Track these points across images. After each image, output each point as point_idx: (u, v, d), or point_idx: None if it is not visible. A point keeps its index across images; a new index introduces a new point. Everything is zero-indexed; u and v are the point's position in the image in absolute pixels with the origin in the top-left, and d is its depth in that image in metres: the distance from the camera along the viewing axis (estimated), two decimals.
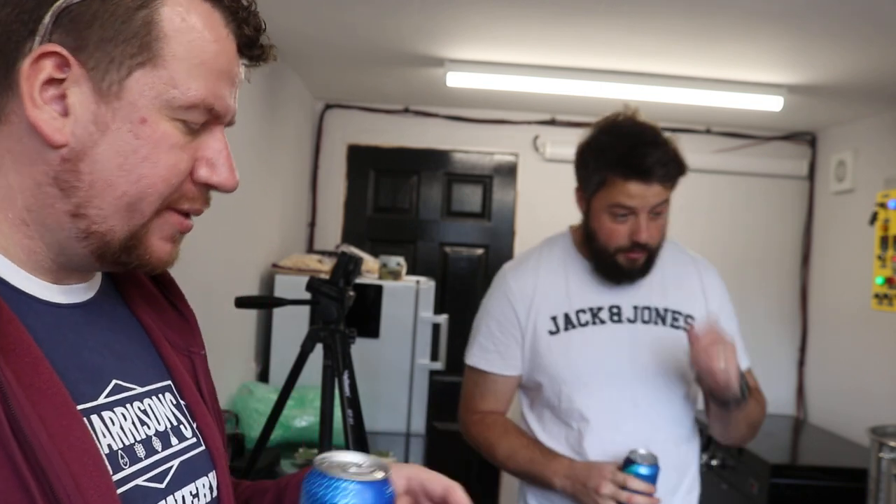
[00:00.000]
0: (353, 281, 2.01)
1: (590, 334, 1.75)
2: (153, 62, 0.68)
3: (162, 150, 0.70)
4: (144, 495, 0.69)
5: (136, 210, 0.70)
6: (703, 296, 1.84)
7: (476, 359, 1.84)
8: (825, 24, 2.37)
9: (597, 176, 1.72)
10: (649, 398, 1.74)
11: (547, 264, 1.82)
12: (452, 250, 4.13)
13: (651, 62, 2.93)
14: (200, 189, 0.75)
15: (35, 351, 0.63)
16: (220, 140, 0.76)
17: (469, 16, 2.53)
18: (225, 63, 0.73)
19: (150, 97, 0.69)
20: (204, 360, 0.89)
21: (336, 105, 4.07)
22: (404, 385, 3.14)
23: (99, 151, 0.68)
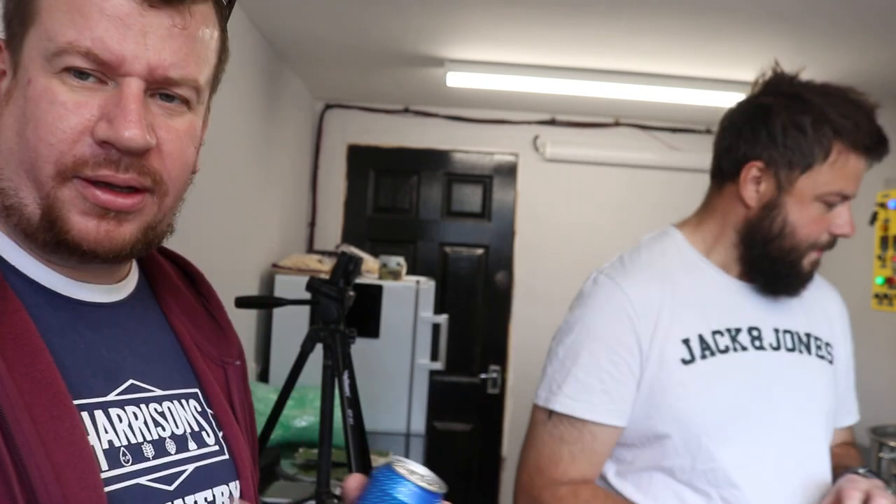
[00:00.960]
0: (353, 281, 2.01)
1: (731, 364, 1.31)
2: (34, 20, 0.67)
3: (42, 107, 0.65)
4: (147, 495, 0.69)
5: (35, 179, 0.67)
6: (827, 321, 1.47)
7: (571, 402, 1.30)
8: (825, 25, 2.37)
9: (818, 148, 1.27)
10: (809, 450, 1.34)
11: (668, 271, 1.36)
12: (452, 250, 4.13)
13: (651, 62, 2.93)
14: (104, 151, 0.66)
15: (37, 341, 0.64)
16: (121, 92, 0.66)
17: (469, 16, 2.53)
18: (102, 3, 0.65)
19: (35, 56, 0.67)
20: (238, 371, 0.88)
21: (336, 105, 4.07)
22: (404, 385, 3.14)
23: (3, 123, 0.68)
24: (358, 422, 1.96)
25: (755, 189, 1.32)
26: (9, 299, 0.64)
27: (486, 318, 4.09)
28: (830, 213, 1.32)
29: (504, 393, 4.09)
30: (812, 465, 1.34)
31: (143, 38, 0.66)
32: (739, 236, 1.35)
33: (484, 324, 4.08)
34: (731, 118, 1.38)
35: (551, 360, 1.37)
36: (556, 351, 1.36)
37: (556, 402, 1.32)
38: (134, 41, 0.66)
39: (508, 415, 4.08)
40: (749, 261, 1.35)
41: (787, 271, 1.34)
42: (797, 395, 1.34)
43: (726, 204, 1.37)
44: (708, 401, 1.28)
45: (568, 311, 1.39)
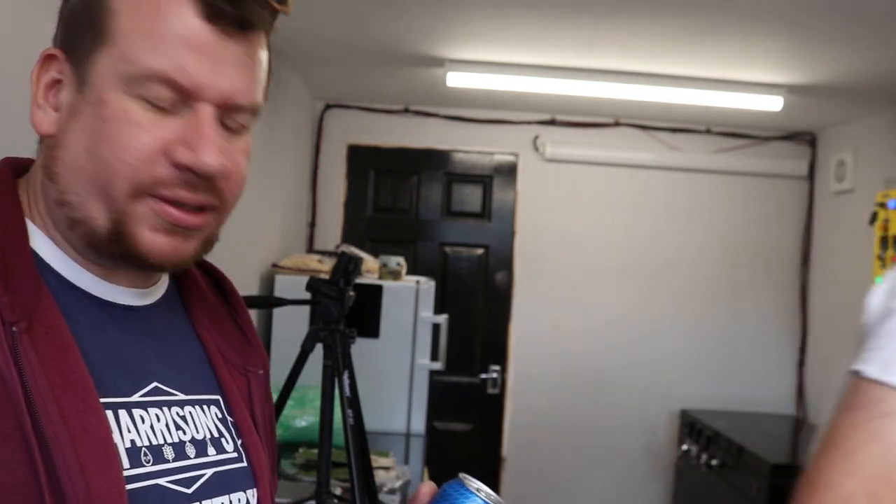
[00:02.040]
0: (353, 281, 2.01)
1: None
2: (107, 41, 0.68)
3: (119, 129, 0.67)
4: (165, 496, 0.70)
5: (108, 196, 0.69)
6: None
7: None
8: (825, 24, 2.37)
9: None
10: None
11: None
12: (452, 250, 4.13)
13: (651, 62, 2.93)
14: (183, 175, 0.69)
15: (67, 337, 0.66)
16: (198, 119, 0.69)
17: (469, 16, 2.53)
18: (182, 31, 0.68)
19: (108, 76, 0.68)
20: (261, 381, 0.89)
21: (336, 105, 4.07)
22: (404, 385, 3.14)
23: (71, 137, 0.70)
24: (358, 422, 1.96)
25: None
26: (43, 295, 0.66)
27: (486, 318, 4.09)
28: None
29: (504, 393, 4.09)
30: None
31: (219, 67, 0.70)
32: None
33: (484, 324, 4.08)
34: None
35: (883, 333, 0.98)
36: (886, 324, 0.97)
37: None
38: (210, 69, 0.69)
39: (508, 415, 4.08)
40: None
41: None
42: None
43: None
44: None
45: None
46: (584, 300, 4.07)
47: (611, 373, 4.05)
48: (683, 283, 4.06)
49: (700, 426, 3.68)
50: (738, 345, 4.08)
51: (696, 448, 3.63)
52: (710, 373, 4.07)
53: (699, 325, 4.07)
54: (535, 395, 4.06)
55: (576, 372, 4.06)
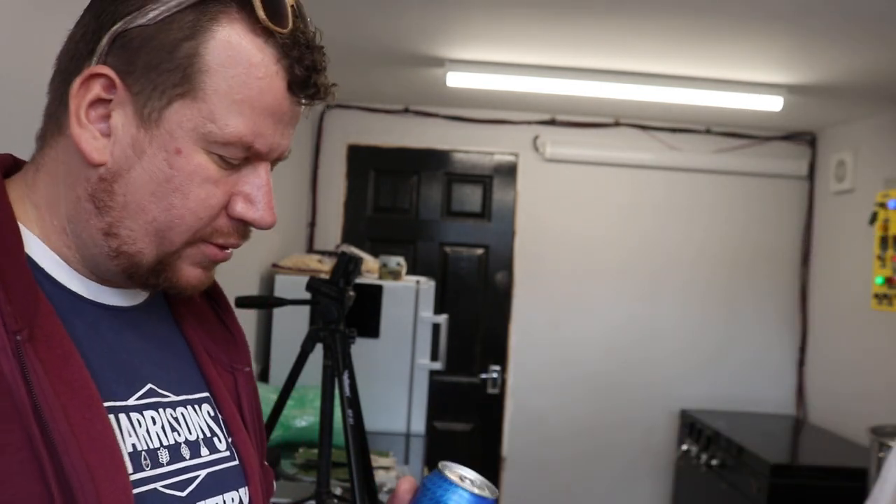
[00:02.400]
0: (353, 281, 2.01)
1: None
2: (193, 94, 0.68)
3: (194, 182, 0.70)
4: (160, 501, 0.70)
5: (165, 238, 0.71)
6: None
7: None
8: (825, 24, 2.37)
9: None
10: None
11: None
12: (452, 250, 4.13)
13: (651, 62, 2.93)
14: (236, 224, 0.74)
15: (68, 344, 0.66)
16: (261, 176, 0.74)
17: (469, 16, 2.53)
18: (271, 101, 0.70)
19: (188, 129, 0.69)
20: (248, 378, 0.89)
21: (336, 105, 4.07)
22: (404, 385, 3.14)
23: (133, 175, 0.69)
24: (358, 422, 1.96)
25: None
26: (41, 302, 0.66)
27: (486, 318, 4.09)
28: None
29: (504, 393, 4.09)
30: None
31: (287, 130, 0.74)
32: None
33: (484, 324, 4.08)
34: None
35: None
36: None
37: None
38: (281, 134, 0.74)
39: (508, 415, 4.08)
40: None
41: None
42: None
43: None
44: None
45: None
46: (584, 300, 4.07)
47: (611, 373, 4.05)
48: (683, 282, 4.06)
49: (700, 426, 3.68)
50: (738, 345, 4.08)
51: (696, 448, 3.63)
52: (710, 373, 4.07)
53: (699, 325, 4.07)
54: (535, 395, 4.06)
55: (576, 372, 4.06)
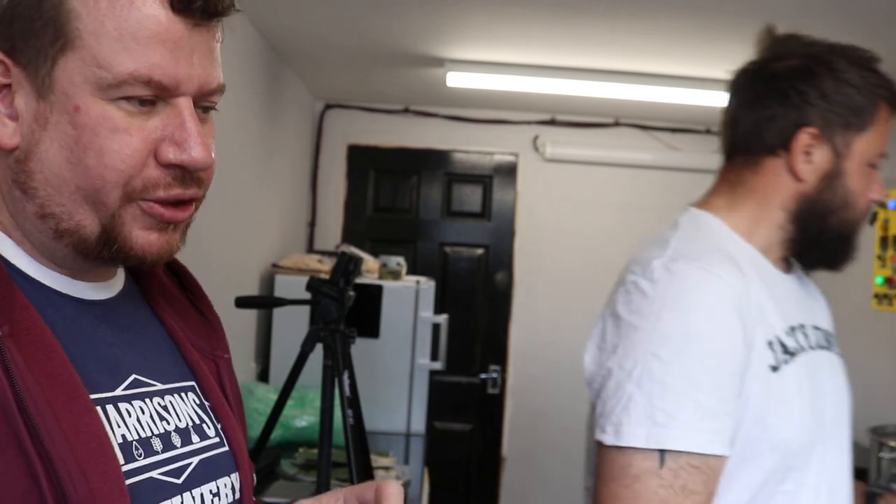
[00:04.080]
0: (353, 281, 2.01)
1: (803, 368, 1.12)
2: (72, 45, 0.65)
3: (101, 135, 0.66)
4: (158, 488, 0.70)
5: (97, 203, 0.67)
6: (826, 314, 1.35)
7: (695, 433, 1.00)
8: (824, 25, 2.37)
9: (870, 106, 1.13)
10: (843, 464, 1.19)
11: (734, 257, 1.14)
12: (452, 250, 4.13)
13: (651, 62, 2.93)
14: (172, 172, 0.68)
15: (49, 338, 0.65)
16: (181, 115, 0.68)
17: (469, 16, 2.53)
18: (155, 27, 0.65)
19: (79, 82, 0.65)
20: (228, 364, 0.88)
21: (336, 105, 4.07)
22: (404, 385, 3.14)
23: (43, 148, 0.67)
24: (358, 422, 1.96)
25: (807, 160, 1.14)
26: (16, 296, 0.65)
27: (486, 318, 4.09)
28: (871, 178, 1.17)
29: (504, 393, 4.09)
30: (847, 482, 1.20)
31: (193, 58, 0.68)
32: (791, 215, 1.17)
33: (484, 324, 4.08)
34: (761, 86, 1.21)
35: (639, 382, 1.02)
36: (649, 370, 1.02)
37: (674, 438, 0.98)
38: (186, 62, 0.67)
39: (508, 415, 4.08)
40: (801, 240, 1.19)
41: (844, 247, 1.20)
42: (840, 394, 1.21)
43: (768, 181, 1.17)
44: (795, 416, 1.08)
45: (632, 314, 1.08)
46: (584, 300, 4.06)
47: None
48: None
49: None
50: None
51: None
52: None
53: None
54: (535, 395, 4.06)
55: (576, 372, 4.03)
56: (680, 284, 1.06)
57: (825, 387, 1.16)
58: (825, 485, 1.13)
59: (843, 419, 1.20)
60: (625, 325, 1.08)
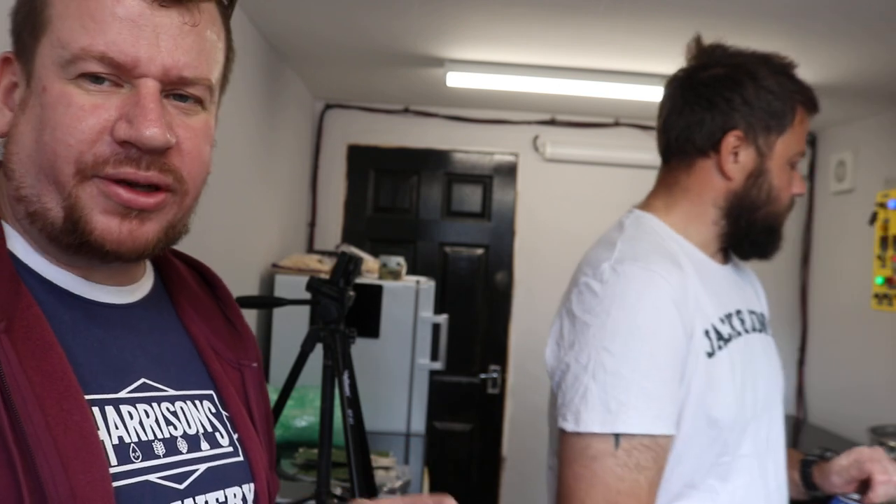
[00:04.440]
0: (353, 281, 2.01)
1: (737, 352, 1.25)
2: (44, 30, 0.68)
3: (58, 111, 0.67)
4: (156, 492, 0.69)
5: (56, 182, 0.67)
6: (758, 297, 1.46)
7: (645, 417, 1.13)
8: (824, 25, 2.37)
9: (788, 109, 1.26)
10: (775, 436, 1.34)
11: (675, 255, 1.26)
12: (452, 250, 4.13)
13: (651, 62, 2.93)
14: (125, 151, 0.67)
15: (49, 336, 0.65)
16: (139, 93, 0.67)
17: (469, 16, 2.53)
18: (111, 5, 0.66)
19: (48, 64, 0.68)
20: (255, 374, 0.88)
21: (336, 105, 4.07)
22: (404, 385, 3.14)
23: (20, 131, 0.70)
24: (358, 422, 1.96)
25: (734, 160, 1.27)
26: (22, 295, 0.66)
27: (486, 318, 4.09)
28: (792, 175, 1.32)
29: (504, 393, 4.09)
30: (781, 451, 1.35)
31: (156, 39, 0.67)
32: (722, 211, 1.29)
33: (484, 324, 4.08)
34: (690, 94, 1.31)
35: (590, 372, 1.15)
36: (600, 361, 1.14)
37: (625, 422, 1.12)
38: (147, 42, 0.67)
39: (508, 415, 4.08)
40: (733, 233, 1.31)
41: (771, 238, 1.34)
42: (770, 375, 1.34)
43: (700, 181, 1.30)
44: (730, 396, 1.21)
45: (585, 312, 1.20)
46: None
47: None
48: None
49: None
50: None
51: None
52: None
53: None
54: (535, 395, 4.06)
55: None
56: (625, 284, 1.18)
57: (757, 366, 1.29)
58: (759, 455, 1.26)
59: (775, 395, 1.34)
60: (579, 323, 1.20)
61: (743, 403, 1.23)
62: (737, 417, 1.21)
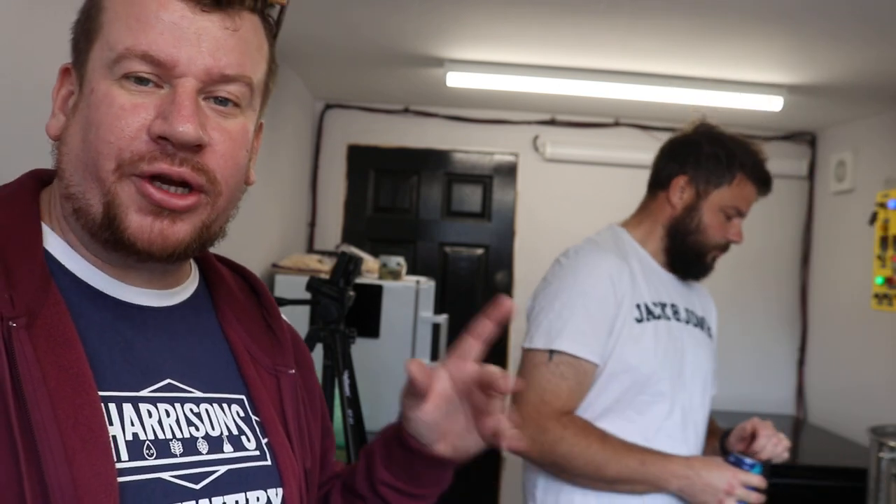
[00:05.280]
0: (353, 281, 2.01)
1: (662, 328, 1.71)
2: (97, 34, 0.72)
3: (102, 110, 0.70)
4: (169, 490, 0.70)
5: (97, 178, 0.70)
6: (705, 311, 1.89)
7: (572, 344, 1.62)
8: (825, 24, 2.37)
9: (728, 174, 1.74)
10: (700, 400, 1.77)
11: (625, 253, 1.76)
12: (452, 250, 4.13)
13: (651, 62, 2.93)
14: (160, 146, 0.70)
15: (71, 333, 0.67)
16: (176, 93, 0.70)
17: (469, 16, 2.53)
18: (155, 8, 0.70)
19: (97, 67, 0.71)
20: (291, 380, 0.88)
21: (336, 105, 4.07)
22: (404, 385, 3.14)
23: (70, 132, 0.73)
24: (358, 422, 1.96)
25: (680, 196, 1.76)
26: (51, 293, 0.68)
27: None
28: (729, 224, 1.77)
29: None
30: (700, 413, 1.76)
31: (198, 41, 0.70)
32: (666, 230, 1.79)
33: None
34: (669, 146, 1.84)
35: (546, 312, 1.67)
36: (552, 305, 1.67)
37: (558, 344, 1.62)
38: (189, 44, 0.70)
39: None
40: (671, 250, 1.78)
41: (696, 261, 1.79)
42: (697, 356, 1.77)
43: (658, 208, 1.80)
44: (649, 352, 1.67)
45: (552, 277, 1.75)
46: None
47: None
48: None
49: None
50: (737, 345, 4.08)
51: None
52: None
53: None
54: None
55: None
56: (580, 261, 1.72)
57: (683, 347, 1.73)
58: (680, 407, 1.70)
59: (701, 375, 1.77)
60: (546, 283, 1.76)
61: (662, 363, 1.68)
62: (656, 368, 1.67)
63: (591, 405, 1.66)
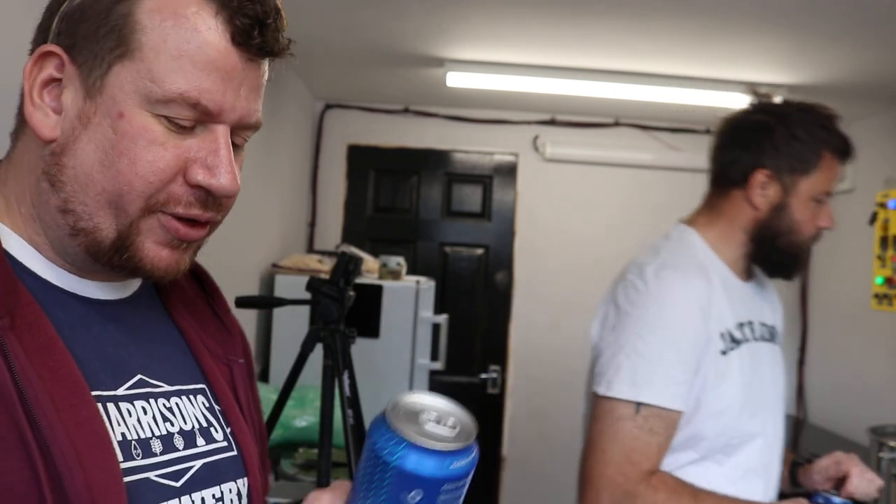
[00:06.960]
0: (353, 281, 2.01)
1: (746, 354, 1.49)
2: (131, 55, 0.67)
3: (139, 145, 0.67)
4: (154, 490, 0.69)
5: (119, 208, 0.69)
6: (775, 313, 1.69)
7: (663, 394, 1.38)
8: (825, 25, 2.37)
9: (813, 157, 1.48)
10: (779, 429, 1.58)
11: (705, 268, 1.50)
12: (452, 250, 4.13)
13: (651, 62, 2.93)
14: (195, 192, 0.70)
15: (51, 332, 0.65)
16: (216, 140, 0.70)
17: (469, 16, 2.53)
18: (213, 55, 0.68)
19: (129, 91, 0.67)
20: (243, 369, 0.88)
21: (336, 105, 4.07)
22: (404, 385, 3.14)
23: (80, 146, 0.68)
24: (358, 422, 1.96)
25: (763, 194, 1.50)
26: (20, 293, 0.66)
27: (486, 318, 4.08)
28: (820, 209, 1.53)
29: (504, 393, 4.09)
30: (781, 440, 1.58)
31: (240, 90, 0.71)
32: (749, 235, 1.53)
33: (484, 324, 4.08)
34: (732, 133, 1.57)
35: (626, 352, 1.41)
36: (634, 345, 1.41)
37: (648, 395, 1.38)
38: (234, 93, 0.70)
39: (508, 415, 4.08)
40: (757, 256, 1.54)
41: (793, 263, 1.55)
42: (776, 377, 1.58)
43: (733, 208, 1.54)
44: (737, 394, 1.45)
45: (627, 304, 1.46)
46: (584, 300, 4.05)
47: None
48: None
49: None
50: None
51: None
52: None
53: None
54: (535, 395, 4.06)
55: (576, 372, 4.04)
56: (663, 287, 1.44)
57: (763, 369, 1.53)
58: (766, 441, 1.51)
59: (781, 399, 1.59)
60: (622, 311, 1.46)
61: (750, 394, 1.46)
62: (744, 405, 1.45)
63: (675, 457, 1.44)
